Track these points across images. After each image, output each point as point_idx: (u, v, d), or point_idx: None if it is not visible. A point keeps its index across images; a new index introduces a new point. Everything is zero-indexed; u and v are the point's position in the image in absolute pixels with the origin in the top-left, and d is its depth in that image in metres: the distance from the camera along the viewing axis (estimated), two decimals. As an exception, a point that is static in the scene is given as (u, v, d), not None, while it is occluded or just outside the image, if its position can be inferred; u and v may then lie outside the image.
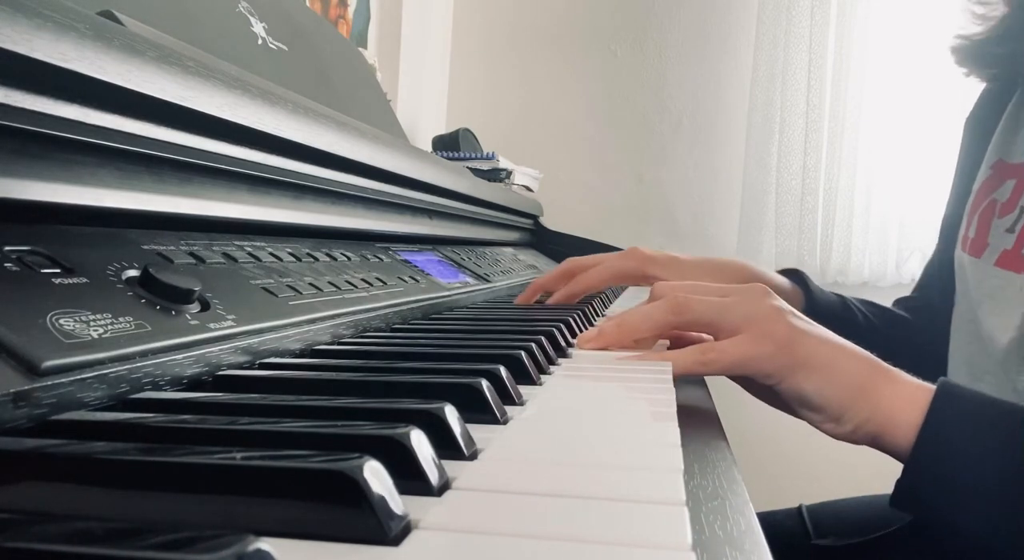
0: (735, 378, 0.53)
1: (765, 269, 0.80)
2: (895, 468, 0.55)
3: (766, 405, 0.55)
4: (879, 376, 0.49)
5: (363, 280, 0.58)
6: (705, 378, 0.55)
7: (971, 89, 0.83)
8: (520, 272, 1.11)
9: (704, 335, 0.54)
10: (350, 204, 0.68)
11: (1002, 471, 0.45)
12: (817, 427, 0.51)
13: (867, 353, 0.51)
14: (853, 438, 0.50)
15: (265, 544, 0.16)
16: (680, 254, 0.78)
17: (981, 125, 0.79)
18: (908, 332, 0.83)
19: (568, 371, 0.47)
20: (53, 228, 0.35)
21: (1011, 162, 0.71)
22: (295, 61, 0.84)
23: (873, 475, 0.92)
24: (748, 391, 0.55)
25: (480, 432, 0.30)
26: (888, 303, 0.89)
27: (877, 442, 0.49)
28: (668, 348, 0.54)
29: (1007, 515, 0.44)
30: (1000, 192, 0.71)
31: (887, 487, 0.69)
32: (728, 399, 0.56)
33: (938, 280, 0.82)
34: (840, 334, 0.51)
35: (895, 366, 0.50)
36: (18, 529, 0.17)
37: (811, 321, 0.51)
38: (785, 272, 0.83)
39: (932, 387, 0.49)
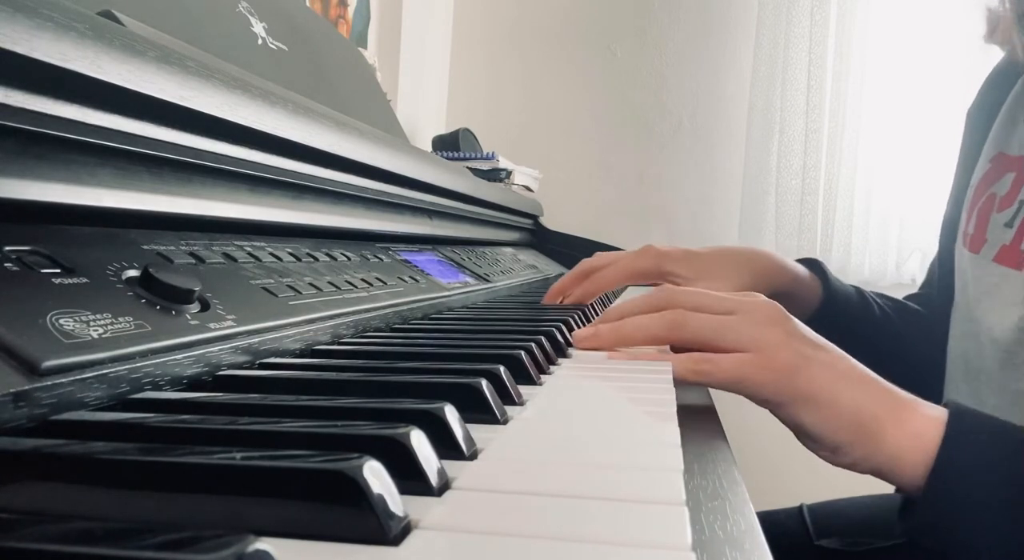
0: None
1: (785, 258, 0.78)
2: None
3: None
4: (884, 414, 0.46)
5: (363, 280, 0.58)
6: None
7: (972, 87, 0.83)
8: (520, 272, 1.11)
9: None
10: (350, 204, 0.68)
11: (1016, 506, 0.43)
12: (813, 452, 0.49)
13: (874, 379, 0.48)
14: (852, 469, 0.48)
15: (265, 544, 0.16)
16: (697, 248, 0.75)
17: (981, 117, 0.78)
18: (922, 325, 0.82)
19: (568, 371, 0.47)
20: (53, 228, 0.35)
21: (1011, 155, 0.70)
22: (295, 61, 0.84)
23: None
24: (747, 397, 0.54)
25: (480, 432, 0.30)
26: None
27: (880, 476, 0.48)
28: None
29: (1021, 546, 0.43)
30: (999, 186, 0.70)
31: (888, 487, 0.68)
32: (728, 399, 0.56)
33: (938, 277, 0.82)
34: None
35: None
36: (18, 529, 0.17)
37: (820, 343, 0.49)
38: (804, 261, 0.82)
39: (940, 420, 0.46)
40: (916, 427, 0.46)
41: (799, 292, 0.78)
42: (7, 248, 0.31)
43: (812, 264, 0.82)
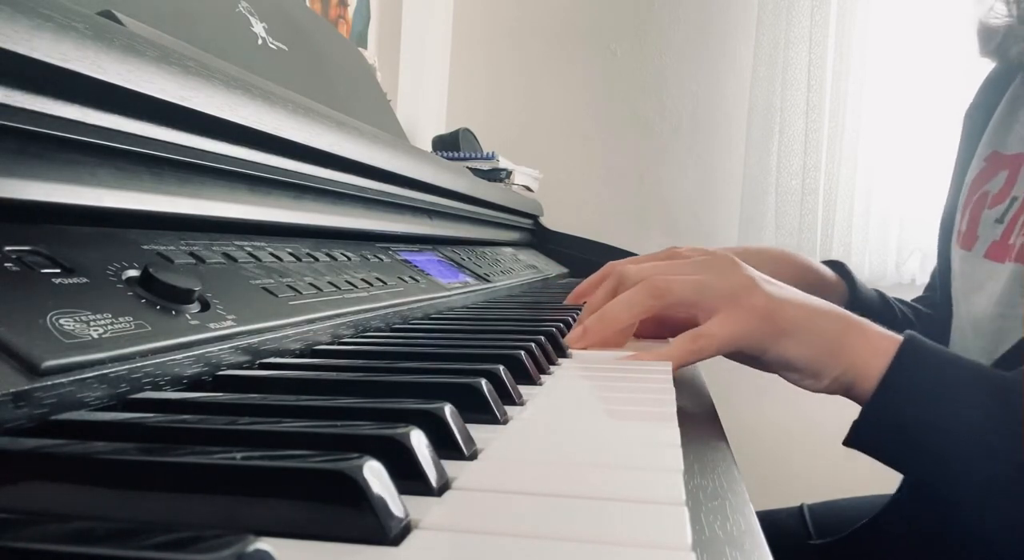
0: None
1: (810, 258, 0.81)
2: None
3: (766, 405, 0.56)
4: (852, 330, 0.51)
5: (363, 280, 0.58)
6: (704, 378, 0.55)
7: (972, 87, 0.83)
8: (520, 272, 1.11)
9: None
10: (350, 204, 0.68)
11: (958, 422, 0.47)
12: (796, 384, 0.53)
13: (838, 308, 0.53)
14: (829, 390, 0.52)
15: (265, 544, 0.16)
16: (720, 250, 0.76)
17: (978, 118, 0.78)
18: (934, 327, 0.82)
19: (568, 371, 0.47)
20: (53, 228, 0.35)
21: (1006, 153, 0.71)
22: (295, 61, 0.84)
23: (874, 475, 0.92)
24: (729, 358, 0.54)
25: (480, 432, 0.30)
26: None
27: (849, 392, 0.51)
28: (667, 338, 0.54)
29: (960, 465, 0.46)
30: (992, 183, 0.71)
31: (889, 487, 0.69)
32: (728, 399, 0.56)
33: (939, 281, 0.82)
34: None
35: None
36: (18, 529, 0.17)
37: (781, 284, 0.53)
38: (829, 263, 0.83)
39: (899, 338, 0.50)
40: (878, 342, 0.50)
41: (825, 293, 0.78)
42: (7, 248, 0.31)
43: (837, 266, 0.83)
